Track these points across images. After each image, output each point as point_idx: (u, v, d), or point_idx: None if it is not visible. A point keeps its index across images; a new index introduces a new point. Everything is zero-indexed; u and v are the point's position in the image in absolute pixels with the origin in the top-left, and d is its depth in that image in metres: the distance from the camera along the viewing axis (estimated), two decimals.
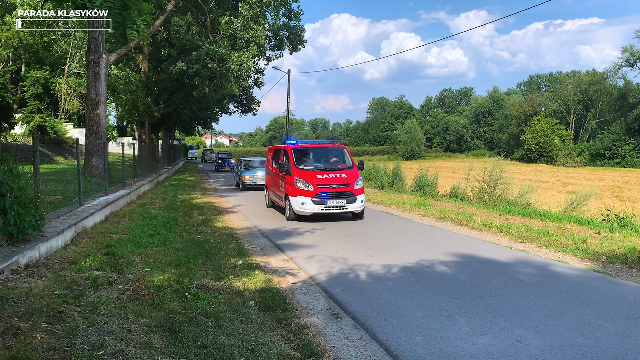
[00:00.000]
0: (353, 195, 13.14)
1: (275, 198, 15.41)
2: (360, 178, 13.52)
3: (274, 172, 15.27)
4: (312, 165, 13.92)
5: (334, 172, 13.47)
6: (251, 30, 24.22)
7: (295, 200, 13.03)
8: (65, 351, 4.17)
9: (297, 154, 14.07)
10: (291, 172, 13.39)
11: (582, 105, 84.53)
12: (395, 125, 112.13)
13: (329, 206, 12.90)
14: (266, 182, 17.07)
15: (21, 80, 44.63)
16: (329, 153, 14.81)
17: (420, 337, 5.24)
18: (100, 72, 16.94)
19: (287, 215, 13.55)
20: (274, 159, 15.76)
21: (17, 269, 6.43)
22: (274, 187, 15.37)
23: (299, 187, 12.93)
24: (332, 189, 12.96)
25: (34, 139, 9.26)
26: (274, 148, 16.42)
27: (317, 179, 13.02)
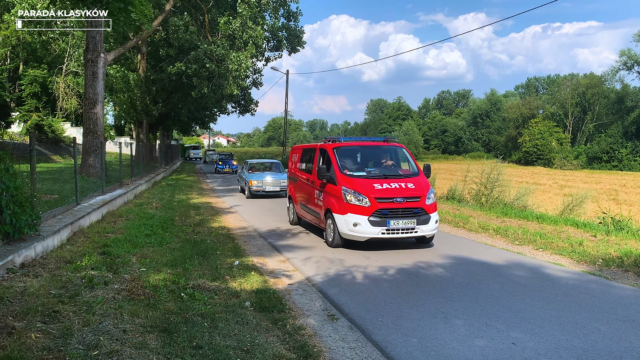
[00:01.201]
0: (425, 214, 9.59)
1: (306, 213, 11.97)
2: (432, 189, 10.15)
3: (304, 179, 12.05)
4: (363, 171, 10.40)
5: (396, 180, 9.96)
6: (250, 30, 24.20)
7: (343, 220, 9.56)
8: (60, 351, 4.15)
9: (342, 155, 10.67)
10: (336, 179, 10.03)
11: (580, 109, 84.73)
12: (393, 126, 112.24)
13: (393, 229, 9.28)
14: (290, 192, 13.46)
15: (19, 79, 44.51)
16: (383, 154, 11.36)
17: (416, 339, 5.24)
18: (98, 71, 16.92)
19: (329, 239, 10.14)
20: (303, 161, 12.59)
21: (13, 268, 6.41)
22: (304, 198, 12.01)
23: (350, 202, 9.50)
24: (397, 204, 9.41)
25: (30, 138, 9.23)
26: (304, 148, 13.14)
27: (375, 190, 9.50)
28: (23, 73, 43.78)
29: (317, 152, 11.44)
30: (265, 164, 22.48)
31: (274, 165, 22.05)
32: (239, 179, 23.10)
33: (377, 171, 10.56)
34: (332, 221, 9.93)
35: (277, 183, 19.48)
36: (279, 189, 19.40)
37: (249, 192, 19.67)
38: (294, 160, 13.42)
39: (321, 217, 10.66)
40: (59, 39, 34.16)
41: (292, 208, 13.30)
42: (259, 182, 19.51)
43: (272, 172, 21.04)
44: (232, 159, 40.74)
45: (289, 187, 13.78)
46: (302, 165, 12.53)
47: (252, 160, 23.64)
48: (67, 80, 44.38)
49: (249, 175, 20.37)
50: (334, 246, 9.93)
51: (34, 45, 40.50)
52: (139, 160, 22.88)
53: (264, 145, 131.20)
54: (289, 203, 13.57)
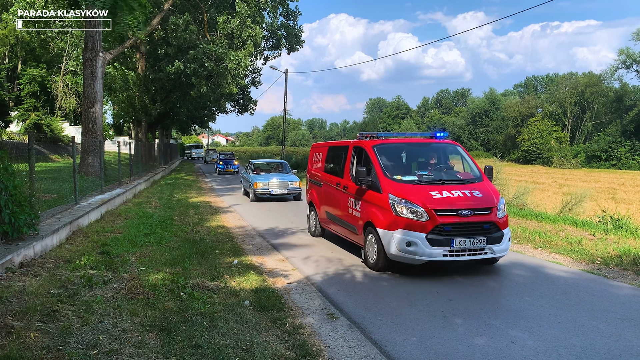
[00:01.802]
0: (497, 230, 7.66)
1: (334, 225, 10.06)
2: (502, 199, 8.20)
3: (332, 183, 10.14)
4: (413, 175, 8.49)
5: (457, 186, 8.04)
6: (248, 29, 24.19)
7: (391, 237, 7.52)
8: (59, 350, 4.15)
9: (385, 154, 8.69)
10: (380, 185, 8.04)
11: (579, 107, 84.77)
12: (392, 125, 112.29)
13: (458, 250, 7.33)
14: (311, 198, 11.45)
15: (17, 78, 44.47)
16: (433, 153, 9.37)
17: (415, 338, 5.24)
18: (96, 70, 16.91)
19: (371, 260, 8.11)
20: (329, 162, 10.72)
21: (12, 267, 6.41)
22: (332, 207, 10.15)
23: (401, 214, 7.53)
24: (463, 218, 7.43)
25: (29, 137, 9.22)
26: (330, 146, 11.14)
27: (434, 200, 7.51)
28: (22, 72, 43.74)
29: (349, 151, 9.58)
30: (271, 164, 21.00)
31: (280, 166, 20.64)
32: (242, 181, 21.25)
33: (430, 175, 8.61)
34: (376, 238, 7.91)
35: (285, 185, 17.98)
36: (286, 191, 17.95)
37: (253, 195, 17.91)
38: (315, 161, 11.52)
39: (358, 231, 8.65)
40: (58, 37, 34.12)
41: (314, 217, 11.26)
42: (265, 184, 17.80)
43: (279, 173, 19.54)
44: (234, 159, 38.64)
45: (309, 192, 11.75)
46: (328, 167, 10.65)
47: (256, 160, 21.88)
48: (66, 80, 44.35)
49: (253, 176, 18.64)
50: (378, 269, 7.97)
51: (33, 44, 40.52)
52: (138, 159, 22.89)
53: (262, 145, 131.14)
54: (310, 211, 11.56)
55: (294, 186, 17.94)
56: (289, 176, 18.89)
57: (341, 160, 9.89)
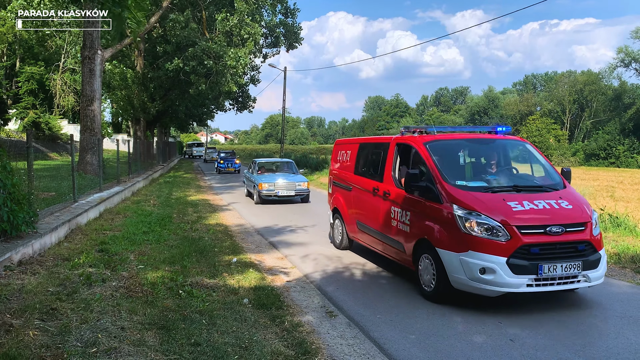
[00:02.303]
0: (594, 251, 6.14)
1: (370, 238, 8.41)
2: (595, 212, 6.62)
3: (366, 188, 8.51)
4: (481, 180, 6.95)
5: (537, 194, 6.51)
6: (247, 27, 24.17)
7: (459, 262, 5.96)
8: (57, 348, 4.15)
9: (441, 154, 7.10)
10: (441, 193, 6.43)
11: (577, 105, 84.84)
12: (391, 123, 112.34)
13: (547, 278, 5.81)
14: (336, 204, 9.90)
15: (15, 76, 44.41)
16: (499, 152, 7.68)
17: (414, 336, 5.25)
18: (95, 68, 16.88)
19: (427, 287, 6.54)
20: (361, 162, 9.14)
21: (10, 265, 6.40)
22: (365, 216, 8.54)
23: (471, 232, 5.94)
24: (553, 237, 5.89)
25: (27, 135, 9.21)
26: (362, 142, 9.54)
27: (514, 213, 5.98)
28: (20, 70, 43.67)
29: (391, 150, 8.03)
30: (277, 164, 19.68)
31: (286, 165, 19.32)
32: (244, 181, 19.91)
33: (501, 180, 7.01)
34: (434, 261, 6.36)
35: (292, 186, 16.87)
36: (294, 193, 16.82)
37: (258, 196, 16.76)
38: (341, 160, 10.03)
39: (405, 249, 7.06)
40: (56, 35, 34.03)
41: (340, 227, 9.70)
42: (271, 185, 16.61)
43: (285, 172, 18.30)
44: (235, 157, 36.89)
45: (333, 196, 10.22)
46: (360, 168, 9.07)
47: (261, 159, 20.60)
48: (64, 77, 44.33)
49: (258, 177, 17.34)
50: (437, 300, 6.37)
51: (31, 42, 40.44)
52: (137, 157, 22.88)
53: (261, 143, 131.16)
54: (334, 218, 10.07)
55: (301, 187, 16.93)
56: (296, 176, 17.84)
57: (378, 160, 8.30)
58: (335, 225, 9.97)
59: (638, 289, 7.00)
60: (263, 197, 16.65)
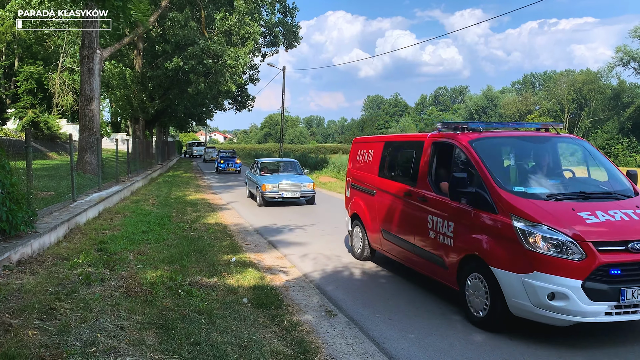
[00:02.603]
0: None
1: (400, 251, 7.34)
2: None
3: (396, 192, 7.48)
4: (543, 186, 5.91)
5: (610, 203, 5.58)
6: (246, 26, 24.16)
7: (522, 285, 5.05)
8: (57, 348, 4.14)
9: (490, 155, 6.18)
10: (493, 201, 5.55)
11: (576, 104, 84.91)
12: (390, 123, 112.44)
13: (629, 305, 4.88)
14: (357, 209, 8.75)
15: (14, 75, 44.31)
16: (552, 153, 6.73)
17: (413, 335, 5.26)
18: (94, 67, 16.87)
19: (478, 312, 5.56)
20: (388, 162, 8.11)
21: (9, 265, 6.40)
22: (394, 224, 7.48)
23: (537, 249, 5.04)
24: (636, 255, 4.96)
25: (26, 135, 9.20)
26: (387, 141, 8.48)
27: (587, 226, 5.10)
28: (18, 69, 43.59)
29: (426, 149, 6.94)
30: (280, 164, 18.90)
31: (290, 165, 18.63)
32: (246, 182, 19.23)
33: (564, 185, 6.14)
34: (488, 282, 5.40)
35: (297, 187, 16.14)
36: (299, 194, 16.11)
37: (261, 198, 16.03)
38: (362, 160, 8.95)
39: (448, 266, 6.07)
40: (54, 35, 34.00)
41: (361, 235, 8.59)
42: (274, 187, 15.87)
43: (289, 173, 17.66)
44: (236, 157, 35.37)
45: (351, 200, 9.12)
46: (386, 170, 8.01)
47: (264, 159, 19.84)
48: (63, 77, 44.24)
49: (261, 177, 16.67)
50: (491, 328, 5.39)
51: (29, 41, 40.35)
52: (136, 157, 22.87)
53: (260, 142, 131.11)
54: (352, 225, 8.97)
55: (307, 188, 16.20)
56: (301, 177, 17.06)
57: (410, 160, 7.26)
58: (355, 233, 8.87)
59: None
60: (266, 199, 15.91)
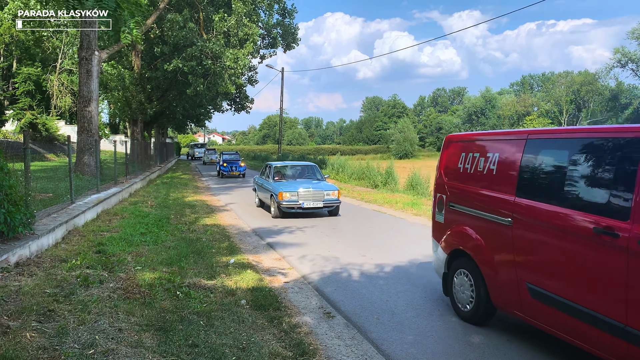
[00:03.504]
0: None
1: (571, 323, 4.32)
2: None
3: (578, 233, 4.26)
4: None
5: None
6: (245, 27, 24.17)
7: None
8: (55, 350, 4.14)
9: None
10: None
11: (575, 106, 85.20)
12: (388, 124, 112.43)
13: None
14: (468, 244, 5.73)
15: (12, 77, 44.28)
16: None
17: (412, 336, 5.26)
18: (92, 69, 16.87)
19: None
20: (539, 177, 4.89)
21: (7, 267, 6.38)
22: (569, 283, 4.34)
23: None
24: None
25: (25, 136, 9.19)
26: (545, 138, 5.03)
27: None
28: (17, 71, 43.56)
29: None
30: (297, 168, 16.26)
31: (309, 170, 16.13)
32: (255, 189, 16.88)
33: None
34: None
35: (319, 196, 13.74)
36: (321, 204, 13.72)
37: (277, 209, 13.74)
38: (479, 169, 5.77)
39: None
40: (53, 36, 33.96)
41: (471, 285, 5.67)
42: (293, 195, 13.51)
43: (308, 179, 15.34)
44: (240, 160, 32.71)
45: (452, 229, 6.14)
46: (537, 187, 4.86)
47: (278, 162, 17.07)
48: (61, 78, 44.21)
49: (276, 184, 14.39)
50: None
51: (28, 42, 40.34)
52: (134, 158, 22.84)
53: (259, 143, 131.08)
54: (452, 268, 6.08)
55: (331, 197, 13.87)
56: (324, 184, 14.59)
57: (606, 174, 4.21)
58: (460, 280, 5.87)
59: None
60: (284, 209, 13.58)
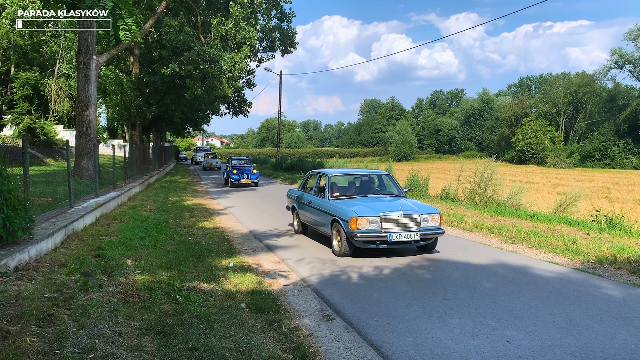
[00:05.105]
0: None
1: None
2: None
3: None
4: None
5: None
6: (243, 31, 24.18)
7: None
8: (55, 354, 4.14)
9: None
10: None
11: (572, 107, 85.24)
12: (386, 126, 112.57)
13: None
14: None
15: (10, 82, 44.27)
16: None
17: (412, 339, 5.26)
18: (90, 73, 16.87)
19: None
20: None
21: (6, 272, 6.37)
22: None
23: None
24: None
25: (23, 141, 9.19)
26: None
27: None
28: (14, 76, 43.54)
29: None
30: (364, 179, 11.17)
31: (379, 181, 11.15)
32: (295, 207, 11.73)
33: None
34: None
35: (414, 223, 8.90)
36: (417, 236, 8.84)
37: (346, 242, 9.01)
38: None
39: None
40: (51, 41, 33.94)
41: None
42: (374, 222, 8.75)
43: (382, 194, 10.50)
44: (251, 166, 27.46)
45: None
46: None
47: (332, 170, 11.60)
48: (60, 83, 44.22)
49: (341, 204, 9.48)
50: None
51: (26, 47, 40.32)
52: (133, 162, 22.82)
53: (257, 146, 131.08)
54: None
55: (429, 225, 9.00)
56: (413, 203, 9.63)
57: None
58: None
59: (633, 290, 7.03)
60: (359, 243, 8.76)
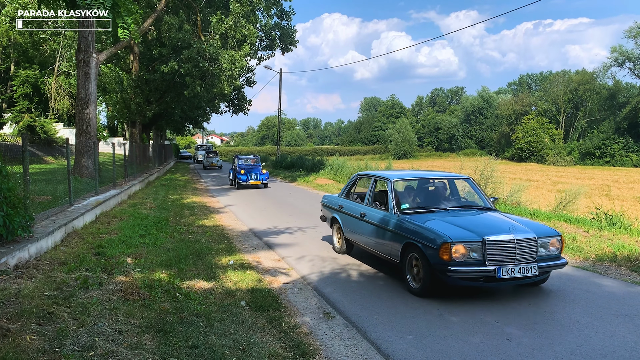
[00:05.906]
0: None
1: None
2: None
3: None
4: None
5: None
6: (243, 29, 24.16)
7: None
8: (55, 352, 4.14)
9: None
10: None
11: (572, 105, 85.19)
12: (386, 124, 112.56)
13: None
14: None
15: (10, 80, 44.22)
16: None
17: (412, 336, 5.26)
18: (90, 71, 16.85)
19: None
20: None
21: (6, 270, 6.38)
22: None
23: None
24: None
25: (23, 139, 9.18)
26: None
27: None
28: (14, 74, 43.50)
29: None
30: (439, 185, 8.56)
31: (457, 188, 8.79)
32: (338, 219, 9.27)
33: None
34: None
35: (530, 250, 6.36)
36: (536, 271, 6.30)
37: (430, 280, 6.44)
38: None
39: None
40: (50, 39, 33.92)
41: None
42: (475, 249, 6.19)
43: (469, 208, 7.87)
44: (260, 165, 25.17)
45: None
46: None
47: (393, 173, 8.74)
48: (59, 81, 44.16)
49: (417, 221, 6.88)
50: None
51: (25, 45, 40.29)
52: (133, 160, 22.81)
53: (257, 144, 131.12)
54: None
55: (549, 253, 6.58)
56: (526, 224, 6.83)
57: None
58: None
59: (633, 287, 7.04)
60: (456, 278, 6.24)
